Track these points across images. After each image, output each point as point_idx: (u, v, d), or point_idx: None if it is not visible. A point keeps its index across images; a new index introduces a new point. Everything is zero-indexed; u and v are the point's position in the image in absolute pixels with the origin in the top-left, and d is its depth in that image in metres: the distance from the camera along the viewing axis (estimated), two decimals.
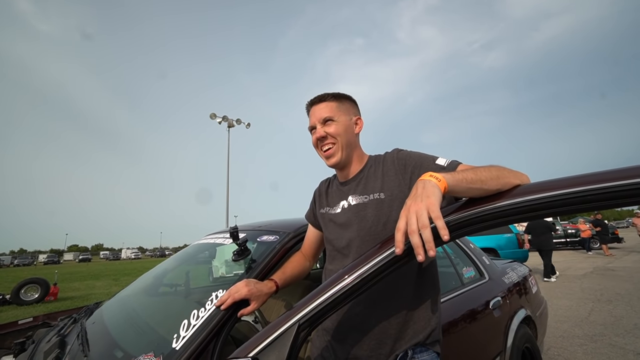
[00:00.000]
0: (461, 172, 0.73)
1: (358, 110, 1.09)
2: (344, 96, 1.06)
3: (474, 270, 1.99)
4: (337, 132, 1.00)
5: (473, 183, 0.70)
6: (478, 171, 0.72)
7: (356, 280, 0.71)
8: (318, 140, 1.02)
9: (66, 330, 1.40)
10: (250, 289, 0.97)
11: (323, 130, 1.01)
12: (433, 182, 0.67)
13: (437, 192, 0.65)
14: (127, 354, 0.98)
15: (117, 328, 1.25)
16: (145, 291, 1.70)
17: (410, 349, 0.90)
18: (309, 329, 0.70)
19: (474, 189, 0.70)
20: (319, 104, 1.03)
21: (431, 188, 0.65)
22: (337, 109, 1.02)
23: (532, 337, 2.07)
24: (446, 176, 0.70)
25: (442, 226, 0.58)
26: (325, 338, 1.00)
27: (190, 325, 0.96)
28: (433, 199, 0.62)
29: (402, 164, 0.96)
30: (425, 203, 0.62)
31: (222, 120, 14.83)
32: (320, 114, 1.02)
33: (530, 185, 0.69)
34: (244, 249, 1.16)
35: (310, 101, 1.06)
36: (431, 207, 0.61)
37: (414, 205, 0.63)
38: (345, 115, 1.02)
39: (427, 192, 0.64)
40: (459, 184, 0.69)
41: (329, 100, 1.03)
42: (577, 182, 0.62)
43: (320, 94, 1.05)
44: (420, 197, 0.64)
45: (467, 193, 0.72)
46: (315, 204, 1.17)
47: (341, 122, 1.01)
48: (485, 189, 0.71)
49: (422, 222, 0.59)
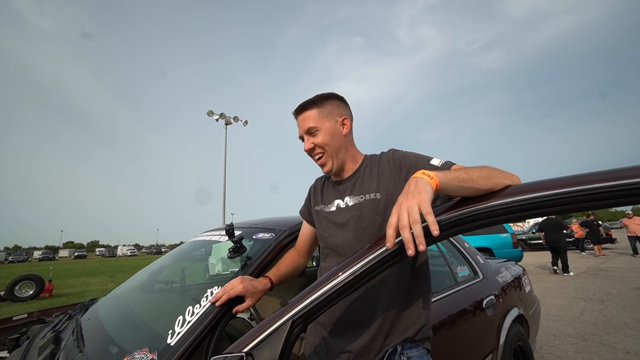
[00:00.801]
0: (453, 171, 0.74)
1: (344, 108, 1.06)
2: (326, 98, 1.03)
3: (469, 269, 2.01)
4: (323, 142, 1.00)
5: (464, 182, 0.71)
6: (470, 171, 0.74)
7: (350, 277, 0.72)
8: (308, 152, 1.03)
9: (61, 327, 1.40)
10: (246, 285, 0.98)
11: (310, 142, 1.01)
12: (425, 179, 0.68)
13: (428, 189, 0.66)
14: (122, 349, 0.98)
15: (112, 324, 1.25)
16: (141, 288, 1.70)
17: (400, 344, 0.92)
18: (302, 325, 0.71)
19: (466, 187, 0.72)
20: (302, 114, 1.02)
21: (423, 185, 0.66)
22: (319, 117, 1.00)
23: (524, 335, 2.10)
24: (438, 174, 0.71)
25: (433, 221, 0.59)
26: (319, 334, 1.01)
27: (185, 322, 0.97)
28: (424, 196, 0.63)
29: (398, 164, 0.97)
30: (416, 199, 0.63)
31: (219, 118, 14.76)
32: (304, 125, 1.01)
33: (521, 186, 0.71)
34: (239, 247, 1.17)
35: (294, 111, 1.05)
36: (422, 203, 0.62)
37: (405, 201, 0.64)
38: (328, 121, 1.01)
39: (419, 189, 0.65)
40: (450, 182, 0.71)
41: (310, 108, 1.01)
42: (568, 183, 0.63)
43: (301, 103, 1.04)
44: (412, 194, 0.65)
45: (459, 192, 0.73)
46: (310, 200, 1.17)
47: (325, 129, 1.00)
48: (476, 187, 0.72)
49: (413, 217, 0.60)
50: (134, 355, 0.91)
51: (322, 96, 1.03)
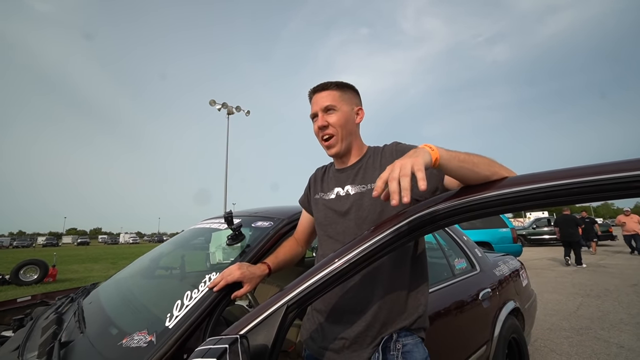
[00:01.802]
0: (455, 151, 0.74)
1: (360, 100, 1.09)
2: (347, 85, 1.05)
3: (466, 262, 2.02)
4: (338, 122, 1.00)
5: (465, 162, 0.72)
6: (471, 155, 0.74)
7: (345, 264, 0.73)
8: (319, 129, 1.02)
9: (63, 309, 1.43)
10: (243, 271, 1.00)
11: (324, 119, 1.01)
12: (426, 149, 0.69)
13: (427, 156, 0.67)
14: (122, 331, 1.00)
15: (112, 307, 1.28)
16: (141, 273, 1.72)
17: (396, 332, 0.93)
18: (297, 311, 0.72)
19: (465, 168, 0.72)
20: (322, 92, 1.03)
21: (422, 152, 0.68)
22: (340, 98, 1.01)
23: (519, 328, 2.12)
24: (440, 149, 0.71)
25: (422, 177, 0.60)
26: (315, 320, 1.03)
27: (184, 306, 0.98)
28: (419, 159, 0.64)
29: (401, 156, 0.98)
30: (411, 159, 0.64)
31: (221, 107, 14.70)
32: (323, 102, 1.01)
33: (519, 177, 0.70)
34: (238, 234, 1.18)
35: (313, 89, 1.05)
36: (416, 163, 0.63)
37: (399, 160, 0.66)
38: (347, 105, 1.02)
39: (417, 153, 0.67)
40: (451, 160, 0.71)
41: (332, 88, 1.02)
42: (565, 175, 0.63)
43: (323, 82, 1.04)
44: (409, 156, 0.66)
45: (458, 171, 0.73)
46: (310, 189, 1.17)
47: (343, 111, 1.01)
48: (476, 171, 0.72)
49: (404, 171, 0.62)
50: (133, 337, 0.93)
51: (344, 83, 1.05)
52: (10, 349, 1.12)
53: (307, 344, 1.05)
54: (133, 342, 0.91)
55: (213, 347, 0.56)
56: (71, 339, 1.04)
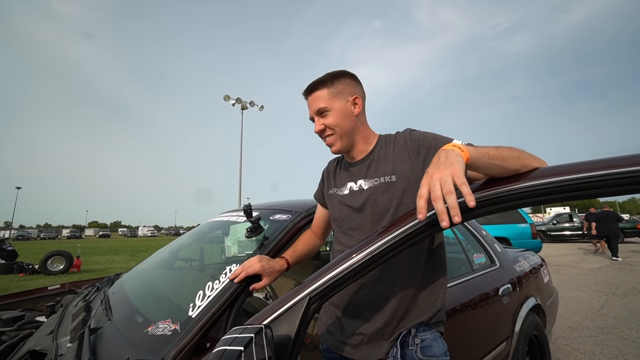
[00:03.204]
0: (483, 147, 0.71)
1: (355, 86, 1.00)
2: (337, 76, 0.98)
3: (485, 257, 1.98)
4: (334, 123, 0.97)
5: (494, 159, 0.68)
6: (500, 149, 0.70)
7: (367, 256, 0.72)
8: (318, 132, 1.01)
9: (90, 297, 1.49)
10: (263, 265, 1.01)
11: (320, 123, 0.98)
12: (456, 151, 0.65)
13: (460, 161, 0.62)
14: (147, 319, 1.04)
15: (136, 296, 1.32)
16: (162, 265, 1.77)
17: (414, 327, 0.92)
18: (319, 302, 0.72)
19: (495, 165, 0.68)
20: (312, 95, 0.99)
21: (454, 156, 0.63)
22: (330, 96, 0.96)
23: (540, 325, 2.07)
24: (469, 148, 0.67)
25: (468, 192, 0.56)
26: (333, 314, 1.03)
27: (205, 296, 1.01)
28: (457, 167, 0.60)
29: (416, 145, 0.93)
30: (449, 170, 0.59)
31: (235, 103, 14.85)
32: (314, 105, 0.98)
33: (552, 168, 0.67)
34: (257, 227, 1.19)
35: (304, 91, 1.02)
36: (456, 174, 0.58)
37: (437, 172, 0.60)
38: (340, 100, 0.97)
39: (451, 160, 0.62)
40: (481, 158, 0.67)
41: (319, 88, 0.97)
42: (602, 166, 0.59)
43: (311, 83, 0.99)
44: (444, 165, 0.61)
45: (487, 169, 0.69)
46: (323, 184, 1.16)
47: (336, 109, 0.96)
48: (505, 167, 0.68)
49: (446, 188, 0.57)
50: (158, 325, 0.96)
51: (332, 75, 0.98)
52: (45, 333, 1.18)
53: (325, 337, 1.05)
54: (158, 330, 0.94)
55: (239, 336, 0.57)
56: (99, 326, 1.09)
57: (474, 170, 0.70)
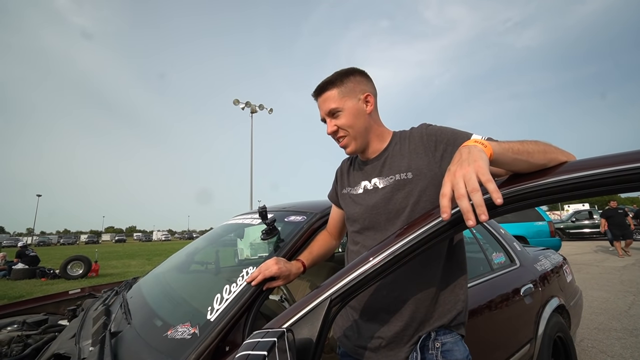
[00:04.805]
0: (507, 142, 0.68)
1: (366, 83, 0.97)
2: (345, 74, 0.95)
3: (504, 256, 1.93)
4: (347, 123, 0.94)
5: (519, 154, 0.64)
6: (525, 143, 0.67)
7: (388, 258, 0.70)
8: (330, 134, 0.99)
9: (110, 301, 1.52)
10: (280, 267, 1.00)
11: (333, 123, 0.96)
12: (479, 147, 0.62)
13: (484, 157, 0.59)
14: (166, 323, 1.04)
15: (154, 300, 1.34)
16: (178, 268, 1.79)
17: (434, 330, 0.89)
18: (340, 305, 0.71)
19: (520, 160, 0.65)
20: (322, 96, 0.96)
21: (478, 152, 0.60)
22: (341, 97, 0.93)
23: (564, 326, 2.00)
24: (492, 143, 0.64)
25: (494, 189, 0.53)
26: (349, 317, 1.01)
27: (223, 299, 1.00)
28: (481, 163, 0.57)
29: (433, 141, 0.90)
30: (473, 167, 0.57)
31: (245, 106, 15.02)
32: (325, 106, 0.95)
33: (580, 162, 0.64)
34: (272, 229, 1.19)
35: (313, 92, 0.99)
36: (480, 170, 0.56)
37: (460, 169, 0.58)
38: (351, 100, 0.94)
39: (474, 157, 0.59)
40: (505, 153, 0.64)
41: (329, 88, 0.95)
42: (637, 158, 0.56)
43: (320, 83, 0.97)
44: (467, 161, 0.58)
45: (512, 165, 0.66)
46: (337, 183, 1.14)
47: (348, 109, 0.93)
48: (531, 162, 0.65)
49: (471, 185, 0.55)
50: (177, 329, 0.96)
51: (341, 73, 0.96)
52: (68, 337, 1.20)
53: (341, 341, 1.03)
54: (177, 333, 0.94)
55: (261, 340, 0.56)
56: (120, 330, 1.10)
57: (497, 167, 0.67)
